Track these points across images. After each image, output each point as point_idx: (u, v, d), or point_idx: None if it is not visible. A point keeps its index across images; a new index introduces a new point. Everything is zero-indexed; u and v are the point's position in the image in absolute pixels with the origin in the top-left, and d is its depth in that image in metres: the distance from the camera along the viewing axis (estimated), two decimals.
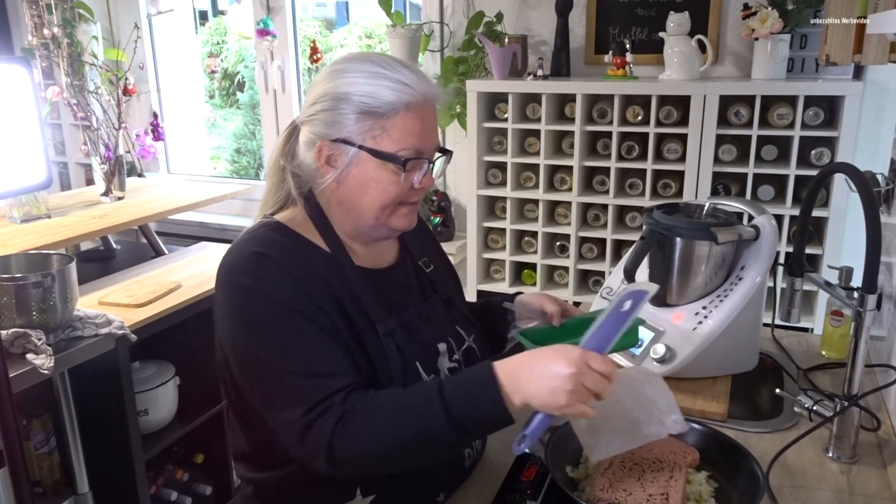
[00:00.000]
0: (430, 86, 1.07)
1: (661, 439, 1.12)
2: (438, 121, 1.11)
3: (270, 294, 1.01)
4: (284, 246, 1.06)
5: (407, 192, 1.07)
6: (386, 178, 1.05)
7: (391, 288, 1.15)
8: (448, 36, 2.81)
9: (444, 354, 1.14)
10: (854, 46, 1.45)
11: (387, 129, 1.03)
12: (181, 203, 2.70)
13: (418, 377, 1.08)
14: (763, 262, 1.39)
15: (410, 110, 1.04)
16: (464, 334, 1.20)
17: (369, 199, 1.07)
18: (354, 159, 1.05)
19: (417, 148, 1.05)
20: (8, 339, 1.58)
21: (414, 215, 1.13)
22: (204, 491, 2.34)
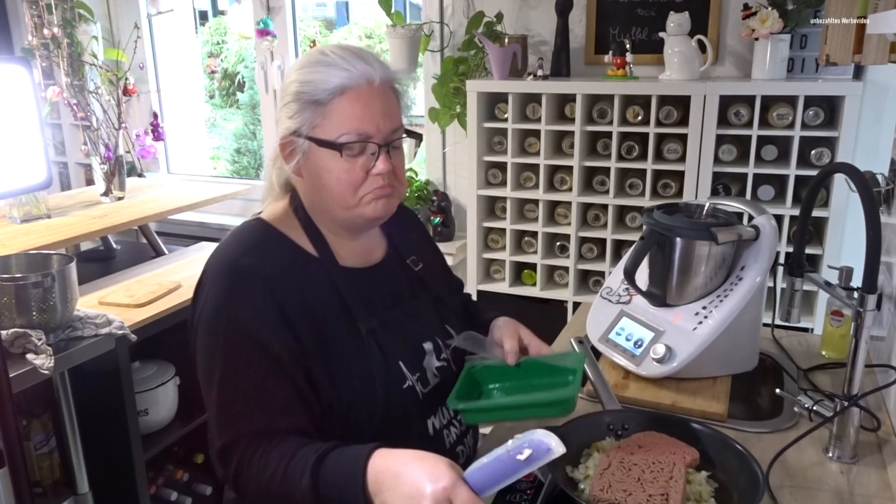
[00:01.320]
0: (374, 68, 1.04)
1: (662, 439, 1.12)
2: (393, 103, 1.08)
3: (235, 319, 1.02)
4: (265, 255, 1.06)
5: (362, 180, 1.05)
6: (336, 166, 1.04)
7: (377, 286, 1.15)
8: (448, 36, 2.81)
9: (432, 353, 1.15)
10: (854, 46, 1.45)
11: (327, 115, 1.03)
12: (181, 203, 2.70)
13: (402, 376, 1.09)
14: (763, 262, 1.39)
15: (347, 94, 1.02)
16: (453, 332, 1.20)
17: (327, 191, 1.07)
18: (306, 151, 1.06)
19: (360, 131, 1.03)
20: (8, 339, 1.58)
21: (387, 202, 1.09)
22: (204, 491, 2.34)
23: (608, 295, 1.55)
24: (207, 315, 1.05)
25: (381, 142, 1.05)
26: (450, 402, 1.10)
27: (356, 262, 1.14)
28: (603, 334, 1.49)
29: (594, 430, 1.17)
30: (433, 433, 1.13)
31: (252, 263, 1.05)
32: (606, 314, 1.52)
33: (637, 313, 1.47)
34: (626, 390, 1.39)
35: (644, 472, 1.03)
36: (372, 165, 1.05)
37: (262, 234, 1.10)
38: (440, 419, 1.15)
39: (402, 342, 1.11)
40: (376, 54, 1.09)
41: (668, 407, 1.34)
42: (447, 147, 2.95)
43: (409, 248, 1.24)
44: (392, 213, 1.12)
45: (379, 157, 1.05)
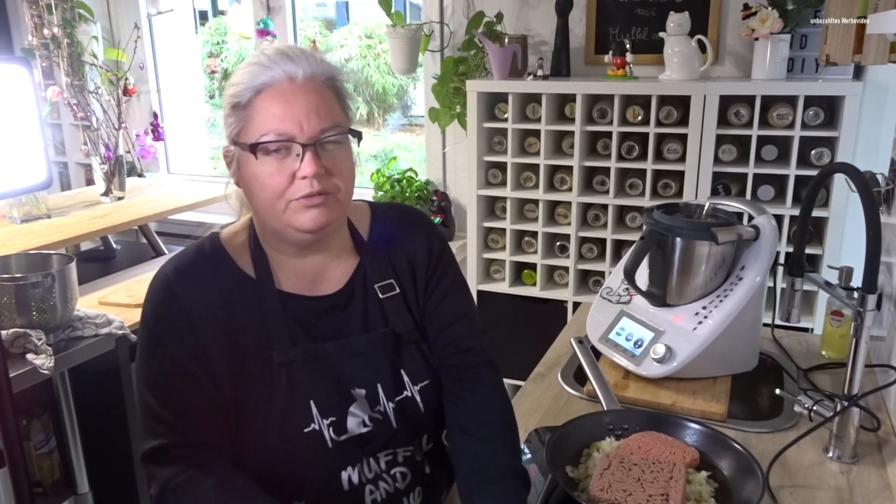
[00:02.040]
0: (299, 63, 0.96)
1: (661, 439, 1.12)
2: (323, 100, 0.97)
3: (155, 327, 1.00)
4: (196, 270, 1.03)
5: (288, 184, 0.95)
6: (262, 171, 0.96)
7: (318, 317, 1.04)
8: (448, 36, 2.81)
9: (363, 401, 1.02)
10: (854, 46, 1.45)
11: (248, 118, 0.96)
12: (181, 203, 2.71)
13: (307, 416, 0.99)
14: (763, 262, 1.39)
15: (265, 92, 0.95)
16: (407, 382, 1.06)
17: (256, 198, 0.99)
18: (237, 158, 1.00)
19: (279, 131, 0.94)
20: (8, 339, 1.59)
21: (319, 211, 0.97)
22: None
23: (608, 295, 1.55)
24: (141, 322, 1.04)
25: (305, 141, 0.94)
26: None
27: (299, 288, 1.05)
28: (603, 334, 1.49)
29: (594, 430, 1.17)
30: (348, 487, 1.02)
31: (179, 291, 1.00)
32: (606, 314, 1.52)
33: (637, 313, 1.47)
34: (626, 390, 1.39)
35: (644, 472, 1.03)
36: (293, 168, 0.95)
37: (206, 256, 1.05)
38: (362, 473, 1.03)
39: (323, 381, 1.01)
40: (310, 52, 1.00)
41: (668, 407, 1.34)
42: (447, 147, 2.95)
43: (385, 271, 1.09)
44: (329, 223, 0.98)
45: (304, 159, 0.94)
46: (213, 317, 0.99)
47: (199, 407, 0.99)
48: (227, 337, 0.99)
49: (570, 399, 1.41)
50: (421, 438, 1.09)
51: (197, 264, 1.04)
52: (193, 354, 0.98)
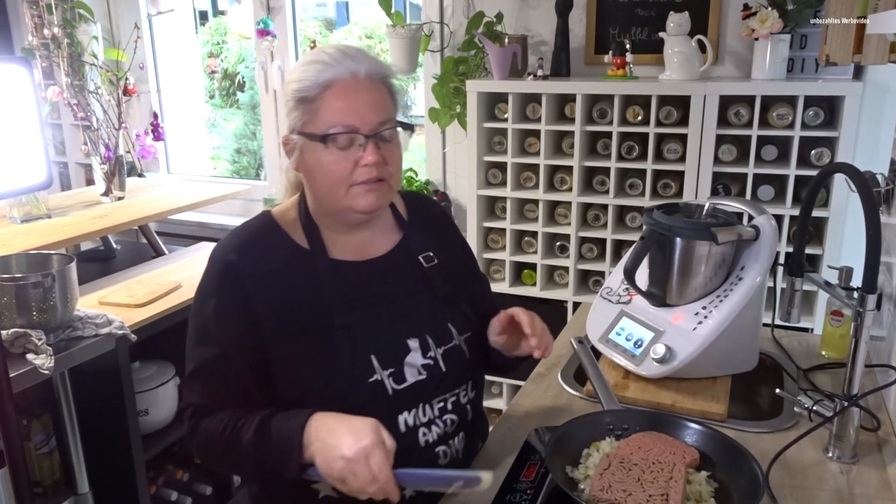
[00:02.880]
0: (359, 62, 1.08)
1: (661, 439, 1.12)
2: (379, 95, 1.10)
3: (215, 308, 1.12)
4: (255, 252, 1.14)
5: (351, 171, 1.08)
6: (326, 159, 1.08)
7: (370, 279, 1.17)
8: (448, 36, 2.81)
9: (417, 351, 1.15)
10: (854, 46, 1.44)
11: (315, 111, 1.07)
12: (181, 203, 2.70)
13: (370, 369, 1.11)
14: (763, 262, 1.39)
15: (332, 88, 1.06)
16: (454, 332, 1.20)
17: (319, 183, 1.11)
18: (301, 147, 1.11)
19: (345, 124, 1.06)
20: (8, 339, 1.59)
21: (377, 194, 1.11)
22: (204, 491, 2.34)
23: (608, 295, 1.55)
24: (197, 288, 1.17)
25: (367, 133, 1.07)
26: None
27: (350, 256, 1.17)
28: (603, 334, 1.49)
29: (594, 430, 1.17)
30: (405, 429, 1.13)
31: (237, 261, 1.12)
32: (606, 314, 1.52)
33: (637, 313, 1.47)
34: (626, 390, 1.39)
35: (644, 472, 1.03)
36: (360, 157, 1.07)
37: (261, 229, 1.17)
38: (416, 416, 1.14)
39: (380, 337, 1.13)
40: (367, 51, 1.12)
41: (668, 407, 1.34)
42: (447, 147, 2.95)
43: (426, 245, 1.24)
44: (382, 205, 1.14)
45: (367, 148, 1.07)
46: (270, 288, 1.11)
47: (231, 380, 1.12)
48: (285, 306, 1.11)
49: (570, 399, 1.41)
50: (466, 384, 1.21)
51: (254, 239, 1.15)
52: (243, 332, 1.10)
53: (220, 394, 1.12)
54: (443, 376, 1.17)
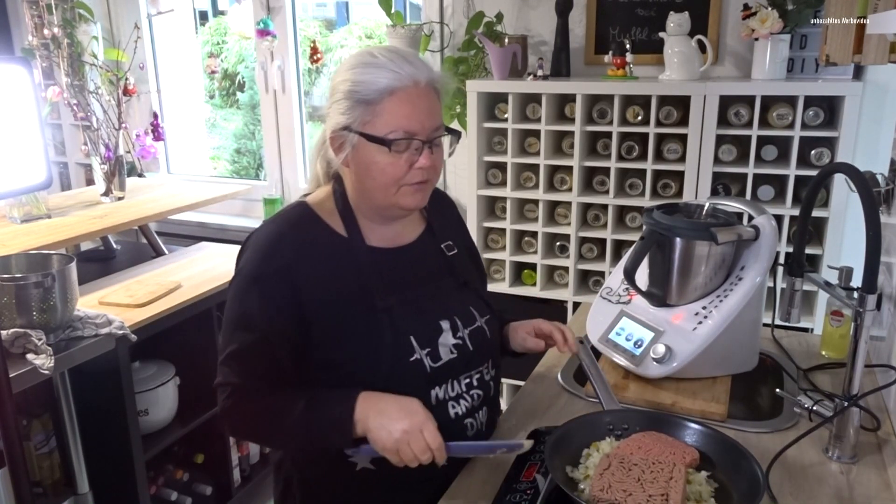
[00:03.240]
0: (420, 70, 1.13)
1: (662, 439, 1.12)
2: (436, 103, 1.17)
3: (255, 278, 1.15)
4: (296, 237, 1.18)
5: (405, 173, 1.14)
6: (382, 160, 1.13)
7: (403, 265, 1.24)
8: (448, 36, 2.81)
9: (448, 331, 1.22)
10: (854, 46, 1.44)
11: (377, 113, 1.12)
12: (181, 203, 2.70)
13: (410, 349, 1.18)
14: (763, 262, 1.39)
15: (396, 94, 1.11)
16: (476, 315, 1.27)
17: (372, 181, 1.15)
18: (354, 144, 1.14)
19: (406, 129, 1.12)
20: (8, 339, 1.59)
21: (423, 194, 1.18)
22: (204, 491, 2.35)
23: (608, 295, 1.55)
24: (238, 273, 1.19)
25: (424, 138, 1.14)
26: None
27: (386, 243, 1.24)
28: (603, 334, 1.49)
29: (594, 429, 1.17)
30: (435, 402, 1.20)
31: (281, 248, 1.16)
32: (606, 314, 1.52)
33: (637, 313, 1.47)
34: (626, 390, 1.39)
35: (644, 472, 1.03)
36: (415, 160, 1.14)
37: (300, 217, 1.21)
38: (446, 391, 1.21)
39: (417, 319, 1.20)
40: (421, 57, 1.18)
41: (668, 407, 1.34)
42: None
43: (445, 235, 1.33)
44: (425, 203, 1.21)
45: (423, 153, 1.14)
46: (314, 272, 1.16)
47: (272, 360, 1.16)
48: (328, 290, 1.16)
49: (570, 399, 1.41)
50: (488, 362, 1.29)
51: (294, 226, 1.20)
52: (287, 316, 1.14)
53: (258, 375, 1.16)
54: (471, 355, 1.24)
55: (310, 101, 4.78)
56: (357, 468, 1.20)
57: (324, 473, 1.24)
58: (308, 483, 1.26)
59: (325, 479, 1.24)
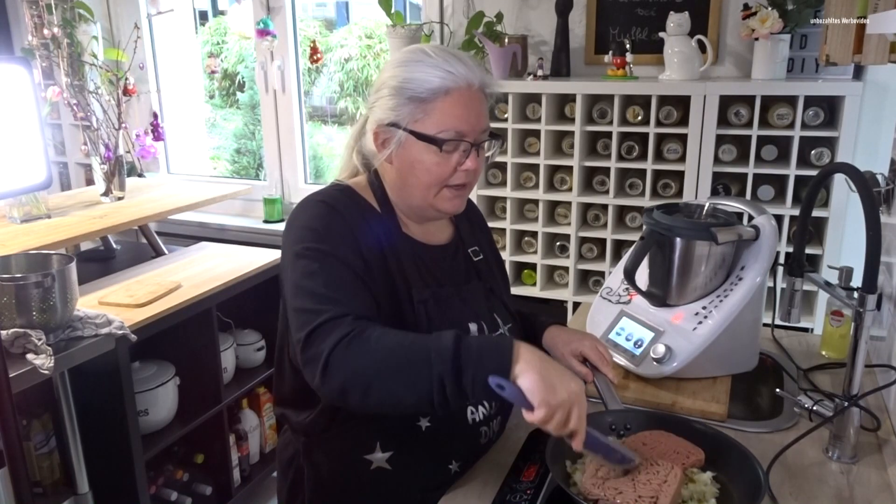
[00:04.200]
0: (474, 73, 1.13)
1: (668, 438, 1.12)
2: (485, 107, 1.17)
3: (323, 237, 1.11)
4: (346, 202, 1.17)
5: (450, 174, 1.14)
6: (429, 159, 1.12)
7: (435, 263, 1.23)
8: (448, 36, 2.81)
9: (475, 334, 1.20)
10: (854, 46, 1.44)
11: (428, 112, 1.11)
12: (181, 203, 2.70)
13: None
14: (763, 262, 1.39)
15: (450, 95, 1.11)
16: (500, 322, 1.26)
17: (415, 179, 1.15)
18: (402, 141, 1.13)
19: (458, 130, 1.11)
20: (8, 339, 1.59)
21: (461, 199, 1.18)
22: (204, 491, 2.35)
23: (608, 295, 1.55)
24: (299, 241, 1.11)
25: (473, 141, 1.13)
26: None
27: (421, 238, 1.23)
28: (603, 334, 1.49)
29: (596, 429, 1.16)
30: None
31: (337, 206, 1.14)
32: (606, 314, 1.52)
33: (637, 313, 1.47)
34: (626, 390, 1.39)
35: (640, 472, 1.03)
36: (462, 162, 1.13)
37: (345, 193, 1.19)
38: None
39: (448, 318, 1.17)
40: (474, 59, 1.16)
41: (668, 407, 1.34)
42: None
43: (472, 240, 1.32)
44: (462, 209, 1.20)
45: (470, 156, 1.14)
46: (368, 241, 1.13)
47: (362, 291, 1.10)
48: (378, 262, 1.13)
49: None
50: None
51: (344, 198, 1.17)
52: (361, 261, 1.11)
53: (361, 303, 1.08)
54: None
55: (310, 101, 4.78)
56: (372, 467, 1.18)
57: (338, 472, 1.22)
58: (320, 481, 1.24)
59: (338, 478, 1.22)
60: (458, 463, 1.21)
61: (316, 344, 1.03)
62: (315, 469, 1.24)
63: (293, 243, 1.13)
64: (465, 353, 0.97)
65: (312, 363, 1.03)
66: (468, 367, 0.96)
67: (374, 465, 1.19)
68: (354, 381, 1.00)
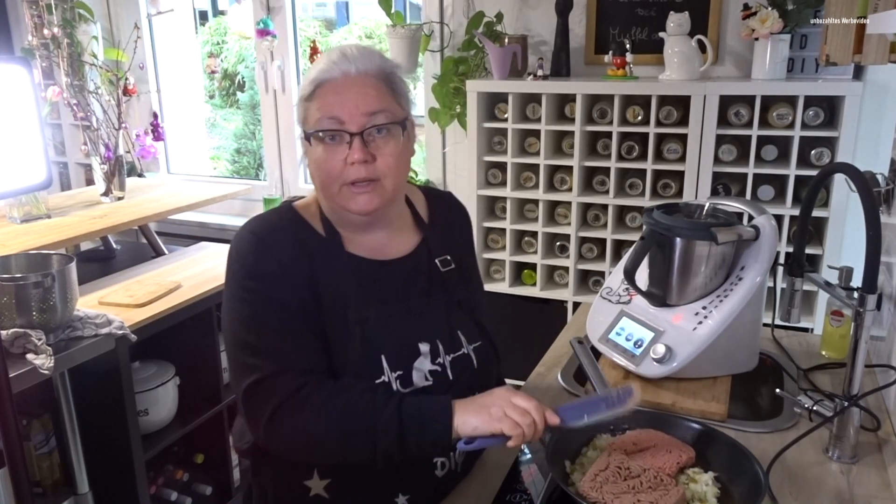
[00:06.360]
0: (349, 59, 1.07)
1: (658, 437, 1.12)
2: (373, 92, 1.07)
3: (255, 274, 1.08)
4: (280, 229, 1.13)
5: (340, 170, 1.07)
6: (317, 156, 1.08)
7: (387, 279, 1.15)
8: (448, 36, 2.81)
9: (426, 356, 1.13)
10: (854, 46, 1.44)
11: (308, 108, 1.09)
12: (181, 203, 2.70)
13: (378, 369, 1.09)
14: (763, 262, 1.39)
15: (323, 86, 1.07)
16: (463, 339, 1.18)
17: (317, 181, 1.11)
18: (304, 144, 1.11)
19: (331, 116, 1.05)
20: (8, 339, 1.58)
21: (368, 196, 1.08)
22: (204, 491, 2.34)
23: (608, 295, 1.55)
24: (230, 276, 1.12)
25: (354, 130, 1.05)
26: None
27: (368, 254, 1.16)
28: (603, 334, 1.49)
29: (594, 429, 1.17)
30: None
31: (266, 238, 1.11)
32: (606, 314, 1.52)
33: (637, 313, 1.47)
34: None
35: (642, 482, 1.03)
36: (343, 154, 1.06)
37: (285, 217, 1.16)
38: None
39: (392, 337, 1.11)
40: (370, 51, 1.11)
41: (668, 407, 1.34)
42: (447, 147, 2.95)
43: (445, 248, 1.23)
44: (379, 207, 1.10)
45: (352, 145, 1.05)
46: (301, 270, 1.09)
47: (300, 337, 1.07)
48: (312, 290, 1.09)
49: (571, 399, 1.41)
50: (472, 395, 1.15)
51: (279, 223, 1.14)
52: (296, 298, 1.07)
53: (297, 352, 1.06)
54: (449, 384, 1.14)
55: None
56: (311, 493, 1.13)
57: (281, 495, 1.18)
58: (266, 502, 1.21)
59: (281, 501, 1.18)
60: (407, 496, 1.14)
61: (255, 404, 1.04)
62: (261, 489, 1.21)
63: (228, 280, 1.11)
64: (407, 426, 0.99)
65: (252, 421, 1.05)
66: (411, 435, 1.00)
67: (312, 491, 1.13)
68: (296, 447, 1.05)
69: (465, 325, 1.19)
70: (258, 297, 1.07)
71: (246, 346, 1.07)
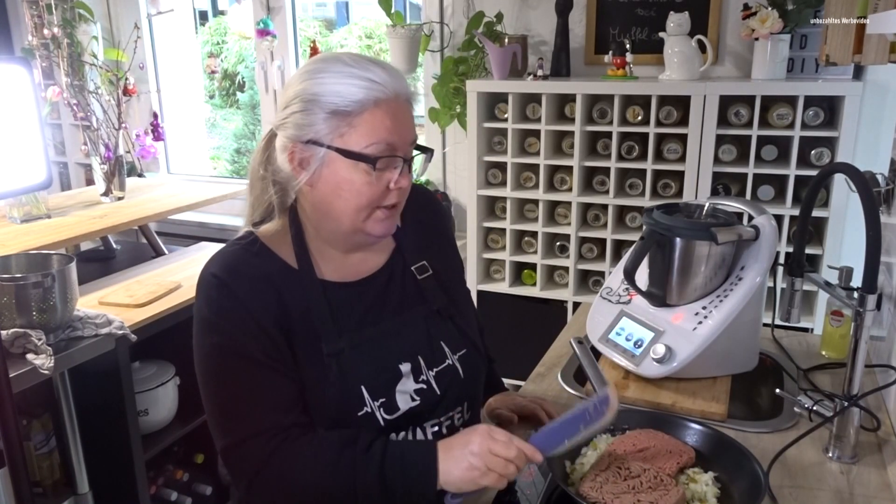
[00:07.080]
0: (400, 82, 1.01)
1: (658, 437, 1.12)
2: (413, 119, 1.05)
3: (220, 327, 1.04)
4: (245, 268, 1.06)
5: (382, 194, 1.02)
6: (357, 178, 1.00)
7: (360, 301, 1.10)
8: (448, 36, 2.81)
9: (409, 376, 1.09)
10: (854, 46, 1.44)
11: (355, 126, 0.98)
12: (181, 203, 2.70)
13: (360, 401, 1.05)
14: (763, 262, 1.39)
15: (379, 106, 0.98)
16: (447, 350, 1.13)
17: (342, 202, 1.02)
18: (324, 160, 1.00)
19: (389, 143, 0.99)
20: (8, 339, 1.58)
21: (392, 221, 1.06)
22: (204, 491, 2.34)
23: (608, 295, 1.55)
24: (196, 325, 1.08)
25: (404, 155, 1.02)
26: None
27: (340, 277, 1.10)
28: (603, 334, 1.49)
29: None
30: None
31: (227, 279, 1.04)
32: (606, 314, 1.52)
33: (637, 313, 1.47)
34: (626, 390, 1.39)
35: (642, 483, 1.03)
36: (393, 179, 1.01)
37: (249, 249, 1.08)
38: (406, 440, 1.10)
39: (371, 365, 1.07)
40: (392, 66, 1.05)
41: (668, 407, 1.34)
42: (447, 147, 2.95)
43: (421, 254, 1.17)
44: (392, 231, 1.08)
45: (402, 172, 1.02)
46: (269, 307, 1.03)
47: (269, 391, 1.02)
48: (282, 326, 1.04)
49: (570, 399, 1.41)
50: (462, 406, 1.15)
51: (243, 258, 1.07)
52: (262, 346, 1.02)
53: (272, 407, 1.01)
54: (437, 399, 1.11)
55: None
56: None
57: None
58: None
59: None
60: None
61: (233, 466, 1.03)
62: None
63: (195, 330, 1.07)
64: (390, 485, 0.96)
65: (234, 481, 1.04)
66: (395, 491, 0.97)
67: None
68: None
69: (448, 334, 1.14)
70: (222, 351, 1.03)
71: (216, 403, 1.05)
